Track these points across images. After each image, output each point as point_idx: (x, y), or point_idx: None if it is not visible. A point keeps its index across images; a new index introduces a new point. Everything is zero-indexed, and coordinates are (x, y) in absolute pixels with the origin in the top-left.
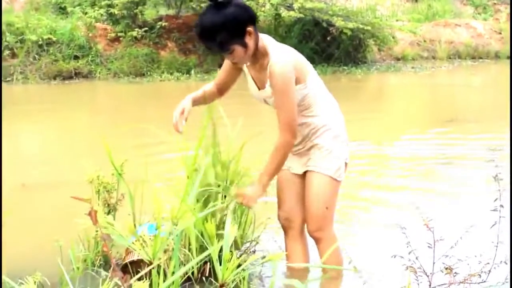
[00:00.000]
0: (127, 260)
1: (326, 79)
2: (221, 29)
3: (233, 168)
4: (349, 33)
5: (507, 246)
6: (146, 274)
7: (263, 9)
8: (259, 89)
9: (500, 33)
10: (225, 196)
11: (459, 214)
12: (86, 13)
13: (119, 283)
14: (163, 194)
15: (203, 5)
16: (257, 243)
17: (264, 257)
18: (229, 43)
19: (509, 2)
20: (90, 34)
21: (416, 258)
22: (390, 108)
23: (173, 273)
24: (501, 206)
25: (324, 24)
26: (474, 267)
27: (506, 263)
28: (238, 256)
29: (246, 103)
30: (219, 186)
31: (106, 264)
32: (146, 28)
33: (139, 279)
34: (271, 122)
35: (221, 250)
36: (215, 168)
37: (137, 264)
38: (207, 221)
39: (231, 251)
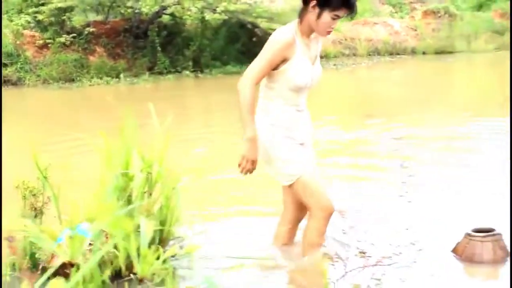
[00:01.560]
0: (52, 263)
1: None
2: None
3: (157, 168)
4: None
5: (415, 229)
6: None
7: (189, 13)
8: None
9: (416, 30)
10: (150, 194)
11: (371, 202)
12: (12, 21)
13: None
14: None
15: (130, 10)
16: (184, 239)
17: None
18: None
19: (424, 0)
20: (18, 42)
21: (333, 244)
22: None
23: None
24: (406, 192)
25: (249, 26)
26: (385, 250)
27: (414, 244)
28: (164, 251)
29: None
30: (144, 186)
31: (34, 267)
32: (75, 34)
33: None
34: (204, 123)
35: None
36: (140, 168)
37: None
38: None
39: (157, 247)
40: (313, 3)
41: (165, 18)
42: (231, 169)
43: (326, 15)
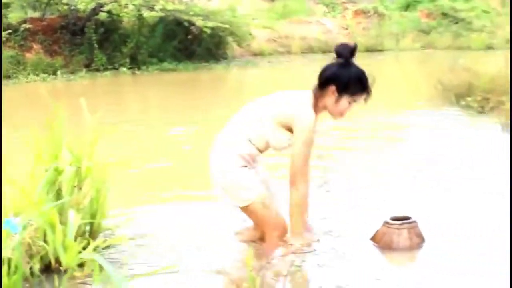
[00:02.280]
0: None
1: (189, 75)
2: None
3: (86, 161)
4: (209, 31)
5: (334, 218)
6: None
7: (126, 10)
8: None
9: (347, 29)
10: (80, 188)
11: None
12: None
13: None
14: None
15: (66, 7)
16: (114, 231)
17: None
18: None
19: (356, 1)
20: None
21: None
22: (242, 101)
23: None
24: (325, 182)
25: (186, 24)
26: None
27: (332, 232)
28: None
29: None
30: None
31: None
32: (10, 31)
33: None
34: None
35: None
36: (69, 162)
37: None
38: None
39: (87, 239)
40: (333, 88)
41: (102, 15)
42: (164, 158)
43: (345, 101)
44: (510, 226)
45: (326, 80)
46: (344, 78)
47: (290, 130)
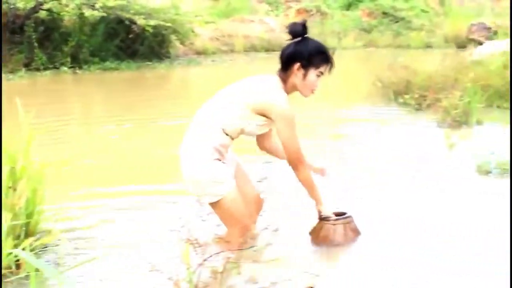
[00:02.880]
0: None
1: (132, 74)
2: None
3: (21, 162)
4: (151, 30)
5: (272, 214)
6: None
7: (67, 9)
8: None
9: None
10: (15, 190)
11: None
12: None
13: None
14: None
15: (5, 5)
16: (50, 231)
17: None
18: None
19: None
20: None
21: (189, 231)
22: (189, 100)
23: None
24: (265, 177)
25: (127, 22)
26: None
27: (269, 228)
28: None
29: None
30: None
31: None
32: None
33: None
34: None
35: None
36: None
37: None
38: None
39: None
40: (298, 65)
41: (42, 14)
42: (101, 156)
43: (312, 74)
44: (510, 226)
45: (288, 59)
46: (305, 52)
47: (262, 115)
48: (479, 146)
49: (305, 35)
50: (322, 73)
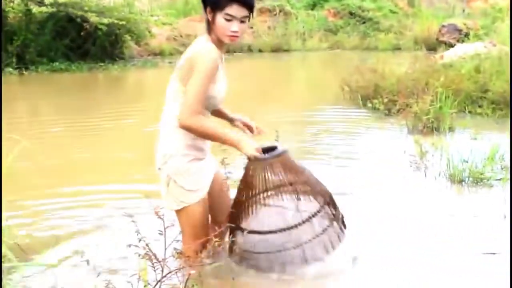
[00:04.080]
0: None
1: (83, 76)
2: None
3: None
4: (104, 28)
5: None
6: None
7: (12, 4)
8: None
9: (252, 28)
10: None
11: None
12: None
13: None
14: None
15: None
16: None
17: None
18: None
19: None
20: None
21: (147, 245)
22: (143, 105)
23: None
24: (228, 175)
25: (79, 20)
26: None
27: (229, 239)
28: None
29: None
30: None
31: None
32: None
33: None
34: None
35: None
36: None
37: None
38: None
39: None
40: (208, 9)
41: None
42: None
43: (219, 17)
44: (510, 227)
45: (202, 2)
46: None
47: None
48: (451, 154)
49: None
50: (231, 15)
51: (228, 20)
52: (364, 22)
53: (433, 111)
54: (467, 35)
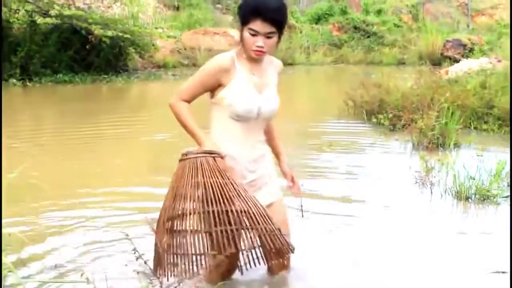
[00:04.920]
0: None
1: (87, 88)
2: (285, 11)
3: None
4: (109, 41)
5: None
6: None
7: (16, 15)
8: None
9: None
10: None
11: None
12: None
13: None
14: None
15: None
16: None
17: None
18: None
19: None
20: None
21: (145, 263)
22: (147, 117)
23: None
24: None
25: (83, 32)
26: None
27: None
28: None
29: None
30: None
31: None
32: None
33: None
34: None
35: None
36: None
37: None
38: None
39: None
40: (239, 23)
41: None
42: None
43: (245, 32)
44: (510, 227)
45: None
46: (240, 7)
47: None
48: (457, 170)
49: None
50: (255, 30)
51: (253, 35)
52: (368, 36)
53: (438, 127)
54: (471, 50)
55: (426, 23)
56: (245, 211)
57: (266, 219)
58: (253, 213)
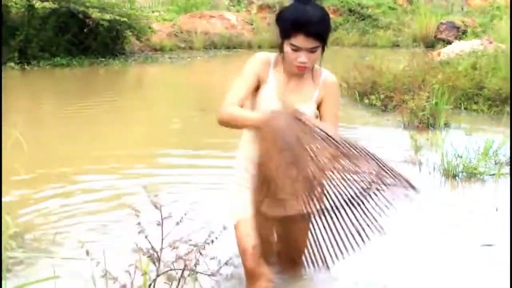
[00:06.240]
0: None
1: (84, 71)
2: (329, 21)
3: None
4: (106, 24)
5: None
6: None
7: (14, 0)
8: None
9: (252, 24)
10: None
11: (185, 192)
12: None
13: None
14: None
15: None
16: None
17: None
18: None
19: None
20: None
21: (146, 237)
22: (144, 98)
23: None
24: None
25: (81, 16)
26: (199, 239)
27: (225, 229)
28: None
29: None
30: None
31: None
32: None
33: None
34: None
35: None
36: None
37: None
38: None
39: None
40: (278, 33)
41: None
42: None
43: (286, 46)
44: (510, 224)
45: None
46: (280, 18)
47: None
48: (446, 149)
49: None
50: (296, 46)
51: (295, 50)
52: (363, 19)
53: (429, 107)
54: (464, 32)
55: (420, 6)
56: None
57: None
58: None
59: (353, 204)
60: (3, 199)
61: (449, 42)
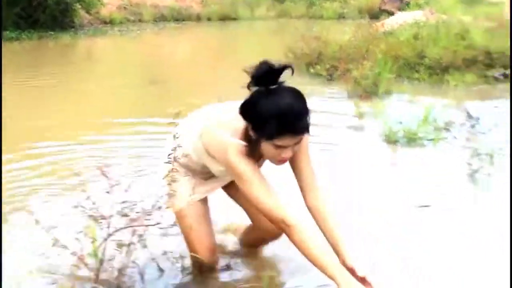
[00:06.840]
0: None
1: (33, 44)
2: (308, 110)
3: None
4: None
5: None
6: None
7: None
8: None
9: None
10: None
11: (136, 159)
12: None
13: None
14: None
15: None
16: None
17: None
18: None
19: None
20: None
21: (93, 204)
22: (93, 70)
23: None
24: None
25: None
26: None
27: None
28: None
29: None
30: None
31: None
32: None
33: None
34: None
35: None
36: None
37: None
38: None
39: None
40: (250, 125)
41: None
42: None
43: (267, 145)
44: (510, 225)
45: (241, 113)
46: (254, 113)
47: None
48: (387, 116)
49: (274, 85)
50: (282, 146)
51: (278, 147)
52: None
53: (372, 76)
54: (408, 4)
55: None
56: None
57: None
58: None
59: None
60: None
61: (393, 14)
